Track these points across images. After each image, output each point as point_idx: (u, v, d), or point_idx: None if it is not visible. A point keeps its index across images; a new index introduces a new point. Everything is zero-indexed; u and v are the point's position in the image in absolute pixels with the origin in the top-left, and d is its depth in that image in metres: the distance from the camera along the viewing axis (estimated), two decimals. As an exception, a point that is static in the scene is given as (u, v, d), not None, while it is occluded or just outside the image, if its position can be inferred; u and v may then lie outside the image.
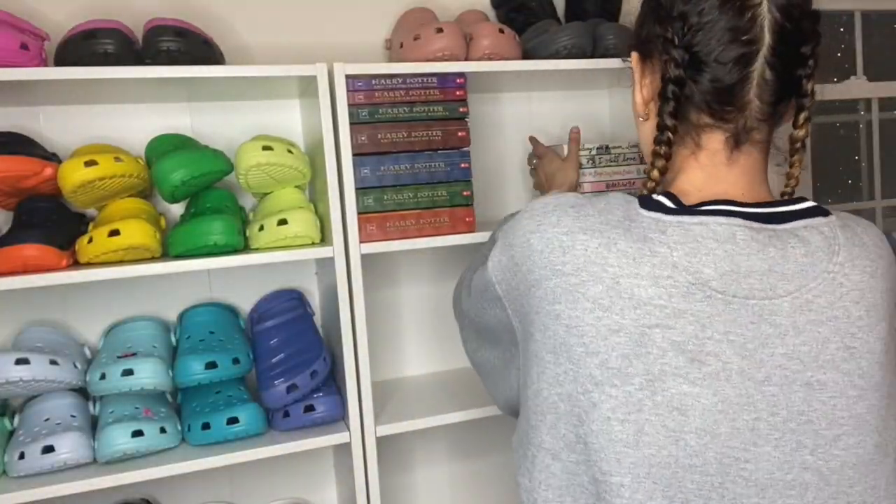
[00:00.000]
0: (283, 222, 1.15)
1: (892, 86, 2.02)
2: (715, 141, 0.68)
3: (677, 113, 0.67)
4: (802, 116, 0.68)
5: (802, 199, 0.66)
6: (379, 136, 1.17)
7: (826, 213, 0.65)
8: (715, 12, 0.64)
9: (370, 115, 1.16)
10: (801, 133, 0.69)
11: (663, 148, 0.68)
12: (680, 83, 0.66)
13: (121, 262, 1.09)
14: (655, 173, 0.69)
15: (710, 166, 0.68)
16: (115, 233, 1.06)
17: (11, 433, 1.12)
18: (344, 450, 1.24)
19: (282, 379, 1.15)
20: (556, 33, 1.26)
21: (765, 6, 0.64)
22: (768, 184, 0.71)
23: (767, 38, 0.63)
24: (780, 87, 0.65)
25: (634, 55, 0.74)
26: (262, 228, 1.16)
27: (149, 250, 1.10)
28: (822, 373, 0.60)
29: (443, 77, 1.19)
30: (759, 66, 0.64)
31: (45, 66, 1.08)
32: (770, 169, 0.71)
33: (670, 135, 0.68)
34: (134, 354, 1.13)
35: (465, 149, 1.22)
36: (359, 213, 1.16)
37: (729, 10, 0.64)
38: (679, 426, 0.58)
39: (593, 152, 1.33)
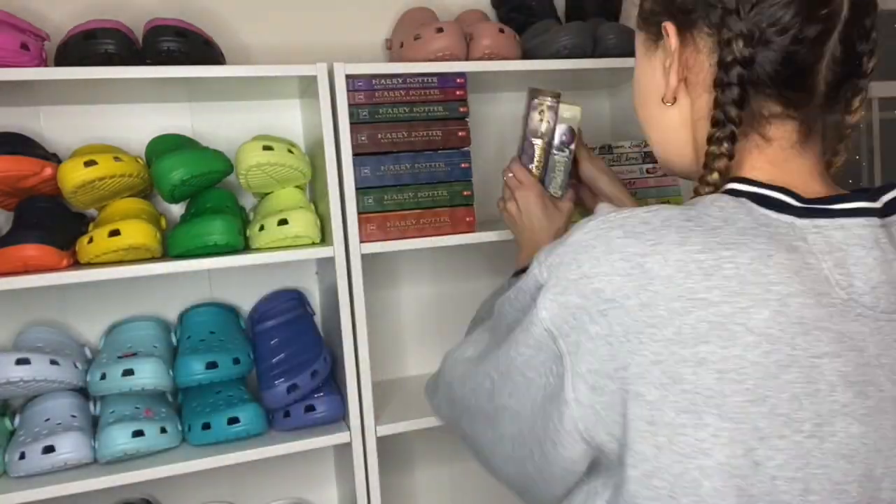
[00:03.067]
0: (283, 222, 1.15)
1: (892, 86, 2.02)
2: (786, 131, 0.58)
3: (742, 102, 0.56)
4: (858, 99, 0.59)
5: (865, 191, 0.56)
6: (379, 135, 1.17)
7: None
8: None
9: (370, 114, 1.16)
10: (853, 118, 0.60)
11: (725, 145, 0.57)
12: (748, 65, 0.55)
13: (121, 262, 1.09)
14: (715, 176, 0.58)
15: (782, 161, 0.58)
16: (115, 233, 1.06)
17: (12, 433, 1.12)
18: (344, 450, 1.24)
19: (282, 379, 1.15)
20: (556, 33, 1.26)
21: None
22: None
23: (846, 9, 0.54)
24: (846, 67, 0.56)
25: (671, 27, 0.60)
26: (262, 228, 1.16)
27: (149, 250, 1.10)
28: None
29: (443, 77, 1.19)
30: (832, 44, 0.54)
31: (46, 66, 1.08)
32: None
33: (734, 129, 0.56)
34: (134, 354, 1.13)
35: (466, 149, 1.22)
36: (359, 213, 1.16)
37: None
38: (844, 477, 0.49)
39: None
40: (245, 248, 1.17)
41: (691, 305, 0.48)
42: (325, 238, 1.21)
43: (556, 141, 1.06)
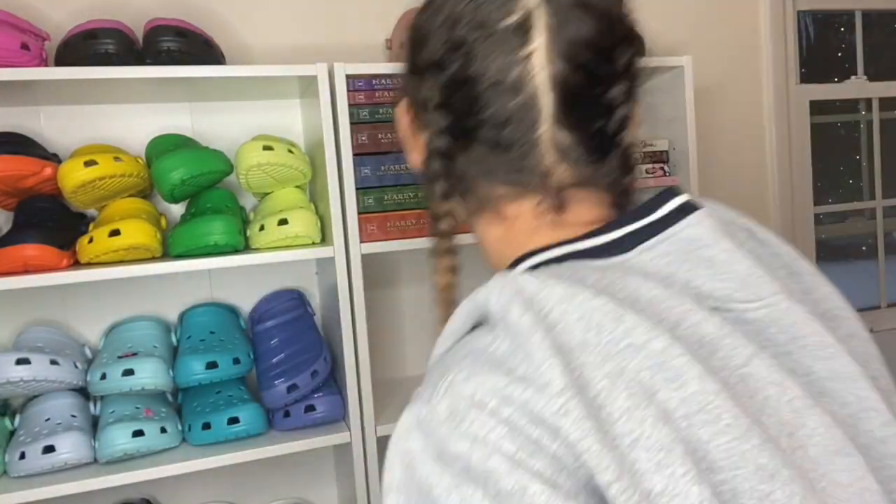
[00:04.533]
0: (283, 222, 1.15)
1: (892, 86, 2.02)
2: (525, 207, 0.51)
3: (452, 193, 0.52)
4: (630, 166, 0.52)
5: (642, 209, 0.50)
6: (379, 135, 1.17)
7: None
8: (476, 62, 0.47)
9: (370, 114, 1.16)
10: (630, 163, 0.52)
11: (443, 242, 0.54)
12: (448, 156, 0.51)
13: (121, 262, 1.09)
14: (442, 279, 0.55)
15: (543, 225, 0.51)
16: (115, 233, 1.06)
17: (12, 433, 1.12)
18: (344, 450, 1.24)
19: (282, 379, 1.15)
20: (556, 33, 1.26)
21: (539, 57, 0.46)
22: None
23: (549, 96, 0.47)
24: (589, 148, 0.49)
25: (400, 110, 0.56)
26: (262, 228, 1.16)
27: (149, 250, 1.10)
28: None
29: (443, 77, 1.19)
30: (546, 132, 0.48)
31: (46, 66, 1.08)
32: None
33: (447, 225, 0.54)
34: (134, 354, 1.13)
35: (466, 149, 1.22)
36: (359, 213, 1.16)
37: (494, 60, 0.47)
38: (852, 473, 0.43)
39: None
40: (245, 248, 1.18)
41: (622, 359, 0.39)
42: (325, 238, 1.21)
43: None
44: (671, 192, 0.49)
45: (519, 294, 0.42)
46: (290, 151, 1.19)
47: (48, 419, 1.10)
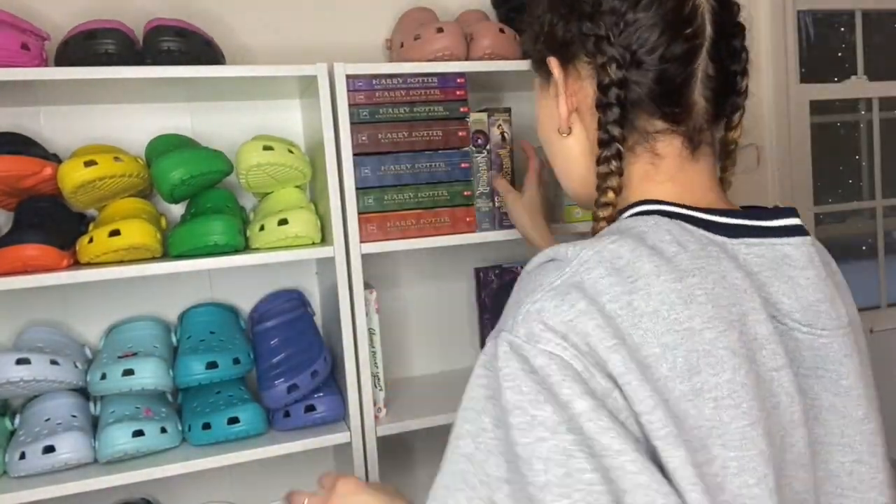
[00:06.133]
0: (283, 222, 1.15)
1: (892, 86, 2.02)
2: (674, 146, 0.59)
3: (623, 121, 0.58)
4: (737, 116, 0.63)
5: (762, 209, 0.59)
6: (379, 135, 1.17)
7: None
8: (653, 5, 0.56)
9: (370, 114, 1.16)
10: (735, 135, 0.64)
11: (613, 163, 0.58)
12: (624, 85, 0.57)
13: (121, 262, 1.09)
14: (610, 196, 0.59)
15: (677, 172, 0.60)
16: (115, 233, 1.06)
17: (12, 433, 1.12)
18: (344, 450, 1.24)
19: (282, 379, 1.15)
20: (556, 33, 1.26)
21: None
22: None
23: (709, 30, 0.57)
24: (720, 84, 0.59)
25: (553, 61, 0.63)
26: (262, 228, 1.16)
27: (149, 250, 1.10)
28: None
29: (443, 77, 1.19)
30: (702, 61, 0.57)
31: (46, 66, 1.08)
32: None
33: (620, 146, 0.58)
34: (134, 354, 1.13)
35: (466, 149, 1.22)
36: (359, 213, 1.16)
37: (667, 0, 0.56)
38: (803, 486, 0.55)
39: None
40: (245, 248, 1.18)
41: (679, 337, 0.48)
42: (325, 238, 1.21)
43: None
44: (790, 212, 0.57)
45: (611, 259, 0.50)
46: (290, 151, 1.19)
47: (48, 419, 1.10)
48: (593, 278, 0.49)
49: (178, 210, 1.30)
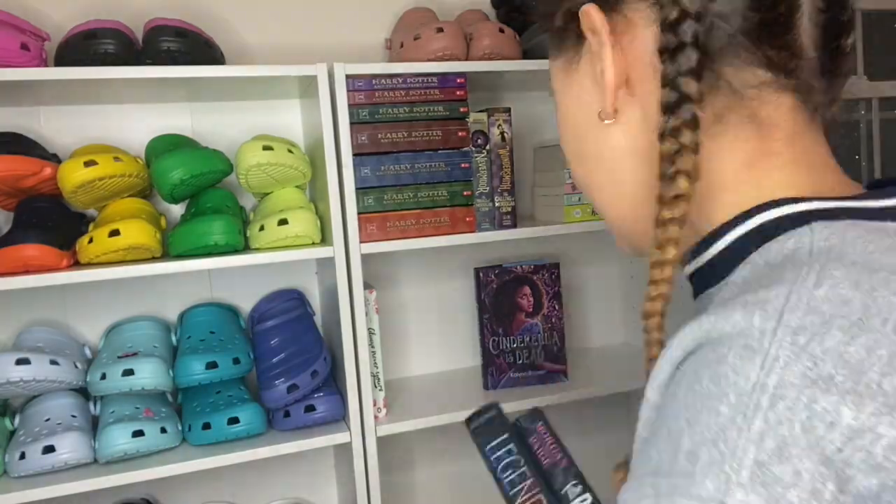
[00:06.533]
0: (283, 222, 1.15)
1: (892, 86, 2.02)
2: (786, 108, 0.41)
3: (702, 74, 0.39)
4: (843, 77, 0.44)
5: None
6: (379, 135, 1.17)
7: None
8: None
9: (370, 114, 1.16)
10: (836, 107, 0.45)
11: (686, 134, 0.39)
12: (702, 17, 0.39)
13: (121, 262, 1.09)
14: (682, 184, 0.39)
15: (802, 153, 0.42)
16: (115, 233, 1.06)
17: (12, 433, 1.12)
18: (344, 450, 1.24)
19: (282, 379, 1.15)
20: (556, 33, 1.26)
21: None
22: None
23: None
24: (831, 20, 0.42)
25: (591, 10, 0.43)
26: (262, 228, 1.16)
27: (149, 250, 1.10)
28: None
29: (443, 77, 1.19)
30: None
31: (46, 66, 1.08)
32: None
33: (696, 111, 0.39)
34: (135, 354, 1.13)
35: (466, 149, 1.22)
36: (359, 213, 1.16)
37: None
38: None
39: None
40: (245, 248, 1.18)
41: None
42: (325, 238, 1.21)
43: None
44: None
45: (839, 310, 0.32)
46: (290, 151, 1.19)
47: (48, 419, 1.10)
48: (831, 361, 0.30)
49: (178, 210, 1.30)
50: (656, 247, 0.40)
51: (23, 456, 1.04)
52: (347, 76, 1.14)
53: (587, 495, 0.69)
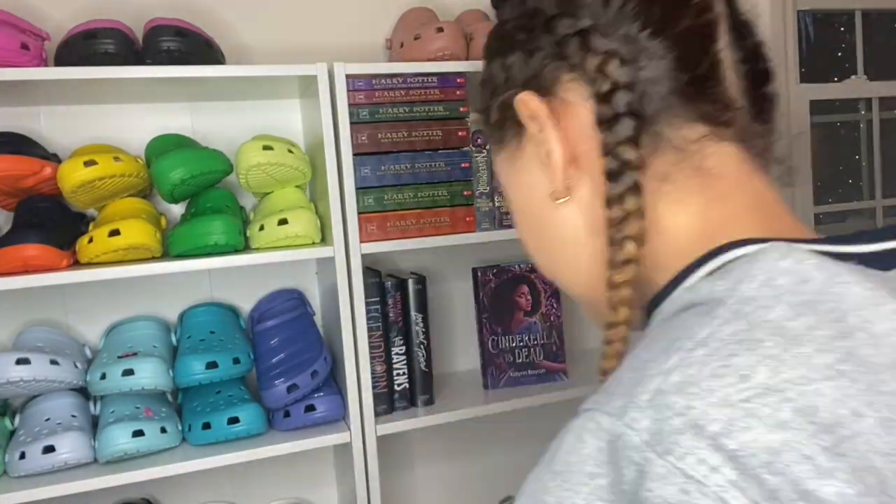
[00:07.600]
0: (283, 222, 1.15)
1: (892, 86, 2.02)
2: (730, 157, 0.43)
3: (641, 139, 0.41)
4: (771, 112, 0.47)
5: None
6: (379, 135, 1.17)
7: None
8: None
9: (370, 114, 1.16)
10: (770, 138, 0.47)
11: (630, 200, 0.40)
12: (633, 87, 0.41)
13: (121, 262, 1.09)
14: (630, 249, 0.40)
15: (755, 199, 0.43)
16: (115, 233, 1.06)
17: (12, 433, 1.12)
18: (344, 450, 1.24)
19: (282, 379, 1.15)
20: (556, 33, 1.26)
21: None
22: None
23: (721, 5, 0.44)
24: (752, 79, 0.45)
25: (526, 97, 0.44)
26: (262, 228, 1.16)
27: (149, 250, 1.10)
28: None
29: (443, 77, 1.19)
30: (723, 37, 0.43)
31: (46, 66, 1.08)
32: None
33: (637, 178, 0.40)
34: (134, 354, 1.13)
35: (466, 149, 1.22)
36: (359, 213, 1.16)
37: None
38: None
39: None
40: (245, 248, 1.18)
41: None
42: (325, 238, 1.21)
43: None
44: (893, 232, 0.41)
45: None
46: (290, 151, 1.19)
47: (48, 419, 1.10)
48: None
49: (178, 210, 1.30)
50: (609, 307, 0.42)
51: (23, 456, 1.04)
52: (347, 76, 1.14)
53: None
